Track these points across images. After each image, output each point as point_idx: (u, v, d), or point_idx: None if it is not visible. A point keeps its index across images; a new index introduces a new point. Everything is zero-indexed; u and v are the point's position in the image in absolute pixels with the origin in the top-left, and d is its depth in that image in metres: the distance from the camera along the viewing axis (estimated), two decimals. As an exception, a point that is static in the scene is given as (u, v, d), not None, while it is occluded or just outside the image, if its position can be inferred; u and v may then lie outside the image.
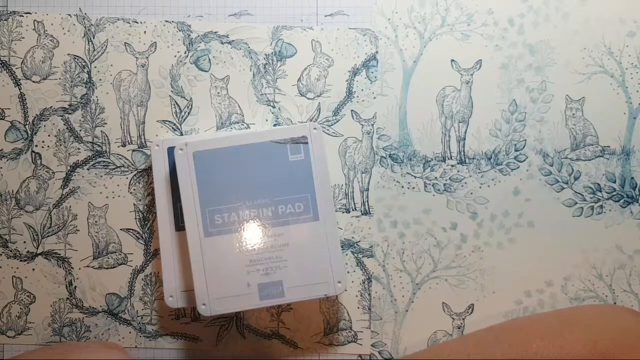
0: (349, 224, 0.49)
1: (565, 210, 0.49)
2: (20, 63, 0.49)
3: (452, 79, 0.49)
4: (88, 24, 0.49)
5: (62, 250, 0.49)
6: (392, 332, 0.49)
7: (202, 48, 0.49)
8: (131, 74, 0.49)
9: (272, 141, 0.46)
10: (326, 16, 0.49)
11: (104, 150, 0.49)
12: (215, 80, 0.49)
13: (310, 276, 0.45)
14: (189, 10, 0.49)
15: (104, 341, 0.49)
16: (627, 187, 0.49)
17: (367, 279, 0.49)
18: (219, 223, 0.45)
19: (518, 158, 0.49)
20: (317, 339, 0.49)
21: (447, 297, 0.49)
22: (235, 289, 0.44)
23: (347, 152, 0.49)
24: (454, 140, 0.49)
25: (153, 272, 0.49)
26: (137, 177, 0.49)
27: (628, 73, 0.49)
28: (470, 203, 0.49)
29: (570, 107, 0.49)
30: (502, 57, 0.49)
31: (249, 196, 0.45)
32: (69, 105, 0.49)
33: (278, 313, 0.49)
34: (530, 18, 0.49)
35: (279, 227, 0.45)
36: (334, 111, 0.49)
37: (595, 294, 0.49)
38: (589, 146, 0.49)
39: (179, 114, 0.49)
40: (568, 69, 0.49)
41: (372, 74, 0.49)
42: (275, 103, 0.49)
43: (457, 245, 0.49)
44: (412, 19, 0.49)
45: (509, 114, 0.49)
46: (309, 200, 0.45)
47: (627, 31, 0.49)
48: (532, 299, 0.49)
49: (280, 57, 0.49)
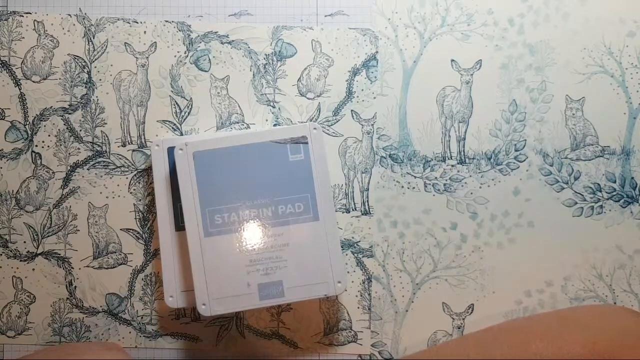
0: (349, 224, 0.49)
1: (565, 210, 0.49)
2: (20, 63, 0.49)
3: (452, 79, 0.49)
4: (88, 24, 0.49)
5: (62, 250, 0.49)
6: (392, 332, 0.49)
7: (202, 48, 0.49)
8: (131, 74, 0.49)
9: (272, 141, 0.46)
10: (326, 16, 0.49)
11: (104, 150, 0.49)
12: (215, 80, 0.49)
13: (310, 276, 0.45)
14: (189, 10, 0.49)
15: (103, 342, 0.49)
16: (627, 187, 0.49)
17: (367, 279, 0.49)
18: (219, 223, 0.45)
19: (518, 158, 0.49)
20: (317, 339, 0.49)
21: (447, 297, 0.49)
22: (235, 289, 0.44)
23: (347, 152, 0.49)
24: (454, 140, 0.49)
25: (153, 272, 0.49)
26: (137, 177, 0.49)
27: (628, 73, 0.49)
28: (470, 203, 0.49)
29: (571, 107, 0.49)
30: (502, 57, 0.49)
31: (249, 196, 0.45)
32: (69, 105, 0.49)
33: (278, 313, 0.49)
34: (530, 18, 0.49)
35: (279, 227, 0.45)
36: (334, 111, 0.49)
37: (596, 294, 0.49)
38: (589, 146, 0.49)
39: (179, 114, 0.49)
40: (568, 69, 0.49)
41: (372, 74, 0.49)
42: (275, 103, 0.49)
43: (457, 245, 0.49)
44: (412, 19, 0.49)
45: (509, 114, 0.49)
46: (309, 200, 0.45)
47: (627, 31, 0.49)
48: (532, 299, 0.49)
49: (280, 57, 0.49)
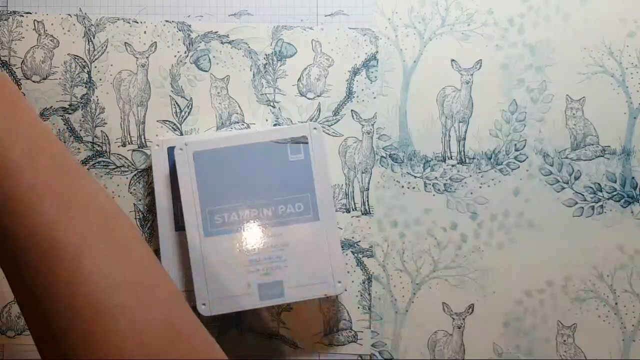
0: (349, 224, 0.49)
1: (565, 210, 0.49)
2: (20, 63, 0.49)
3: (452, 79, 0.49)
4: (88, 24, 0.49)
5: (62, 250, 0.49)
6: (392, 332, 0.49)
7: (202, 48, 0.49)
8: (131, 73, 0.49)
9: (272, 141, 0.46)
10: (326, 16, 0.49)
11: (104, 150, 0.49)
12: (215, 80, 0.49)
13: (310, 276, 0.45)
14: (189, 10, 0.49)
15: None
16: (628, 187, 0.49)
17: (367, 279, 0.49)
18: (219, 223, 0.45)
19: (518, 158, 0.49)
20: (317, 339, 0.49)
21: (447, 297, 0.49)
22: (235, 289, 0.44)
23: (347, 152, 0.49)
24: (454, 140, 0.49)
25: (153, 272, 0.49)
26: (137, 177, 0.49)
27: (628, 73, 0.49)
28: (471, 203, 0.49)
29: (571, 107, 0.49)
30: (502, 57, 0.49)
31: (249, 196, 0.45)
32: (69, 105, 0.49)
33: (278, 313, 0.49)
34: (531, 18, 0.49)
35: (279, 227, 0.45)
36: (334, 111, 0.49)
37: (596, 294, 0.49)
38: (589, 146, 0.49)
39: (179, 114, 0.49)
40: (568, 69, 0.49)
41: (372, 74, 0.49)
42: (276, 103, 0.49)
43: (457, 245, 0.49)
44: (412, 19, 0.49)
45: (509, 114, 0.49)
46: (309, 200, 0.45)
47: (627, 31, 0.49)
48: (532, 299, 0.49)
49: (280, 57, 0.49)
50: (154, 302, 0.32)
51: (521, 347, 0.49)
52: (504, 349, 0.49)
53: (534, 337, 0.49)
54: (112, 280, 0.31)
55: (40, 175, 0.33)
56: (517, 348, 0.49)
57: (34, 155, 0.33)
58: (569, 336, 0.49)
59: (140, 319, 0.31)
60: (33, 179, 0.32)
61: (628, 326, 0.49)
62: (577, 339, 0.49)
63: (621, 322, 0.49)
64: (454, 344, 0.49)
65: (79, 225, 0.32)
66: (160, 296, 0.33)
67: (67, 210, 0.32)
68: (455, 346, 0.49)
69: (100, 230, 0.33)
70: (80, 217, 0.32)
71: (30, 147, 0.33)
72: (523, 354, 0.49)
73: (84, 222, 0.32)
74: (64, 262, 0.31)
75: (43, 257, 0.31)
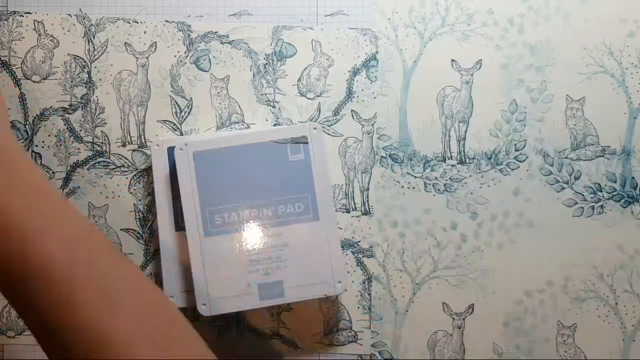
0: (349, 224, 0.49)
1: (565, 210, 0.49)
2: (20, 63, 0.49)
3: (452, 79, 0.49)
4: (88, 24, 0.49)
5: (62, 250, 0.49)
6: (392, 332, 0.49)
7: (202, 48, 0.49)
8: (131, 74, 0.49)
9: (272, 141, 0.46)
10: (326, 16, 0.49)
11: (104, 150, 0.49)
12: (215, 80, 0.49)
13: (310, 276, 0.45)
14: (189, 10, 0.49)
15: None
16: (628, 187, 0.49)
17: (367, 279, 0.49)
18: (219, 223, 0.45)
19: (518, 158, 0.49)
20: (317, 339, 0.49)
21: (447, 297, 0.49)
22: (235, 289, 0.44)
23: (347, 152, 0.49)
24: (454, 140, 0.49)
25: (153, 272, 0.49)
26: (137, 177, 0.49)
27: (628, 73, 0.49)
28: (471, 203, 0.49)
29: (571, 107, 0.49)
30: (502, 57, 0.49)
31: (249, 196, 0.45)
32: (69, 105, 0.49)
33: (278, 313, 0.49)
34: (531, 18, 0.49)
35: (278, 227, 0.45)
36: (334, 111, 0.49)
37: (596, 294, 0.49)
38: (589, 146, 0.49)
39: (179, 114, 0.49)
40: (568, 69, 0.49)
41: (372, 74, 0.49)
42: (276, 103, 0.49)
43: (457, 245, 0.49)
44: (412, 19, 0.49)
45: (509, 114, 0.49)
46: (309, 200, 0.45)
47: (627, 31, 0.49)
48: (532, 299, 0.49)
49: (281, 57, 0.49)
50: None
51: (521, 347, 0.49)
52: (504, 349, 0.49)
53: (534, 337, 0.49)
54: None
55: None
56: (517, 348, 0.49)
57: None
58: (569, 336, 0.49)
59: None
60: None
61: (628, 326, 0.49)
62: (577, 339, 0.49)
63: (621, 322, 0.49)
64: (454, 344, 0.49)
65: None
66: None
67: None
68: (455, 346, 0.49)
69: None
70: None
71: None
72: (523, 354, 0.49)
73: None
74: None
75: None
